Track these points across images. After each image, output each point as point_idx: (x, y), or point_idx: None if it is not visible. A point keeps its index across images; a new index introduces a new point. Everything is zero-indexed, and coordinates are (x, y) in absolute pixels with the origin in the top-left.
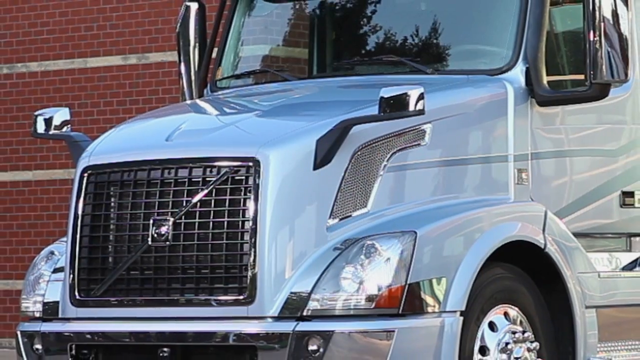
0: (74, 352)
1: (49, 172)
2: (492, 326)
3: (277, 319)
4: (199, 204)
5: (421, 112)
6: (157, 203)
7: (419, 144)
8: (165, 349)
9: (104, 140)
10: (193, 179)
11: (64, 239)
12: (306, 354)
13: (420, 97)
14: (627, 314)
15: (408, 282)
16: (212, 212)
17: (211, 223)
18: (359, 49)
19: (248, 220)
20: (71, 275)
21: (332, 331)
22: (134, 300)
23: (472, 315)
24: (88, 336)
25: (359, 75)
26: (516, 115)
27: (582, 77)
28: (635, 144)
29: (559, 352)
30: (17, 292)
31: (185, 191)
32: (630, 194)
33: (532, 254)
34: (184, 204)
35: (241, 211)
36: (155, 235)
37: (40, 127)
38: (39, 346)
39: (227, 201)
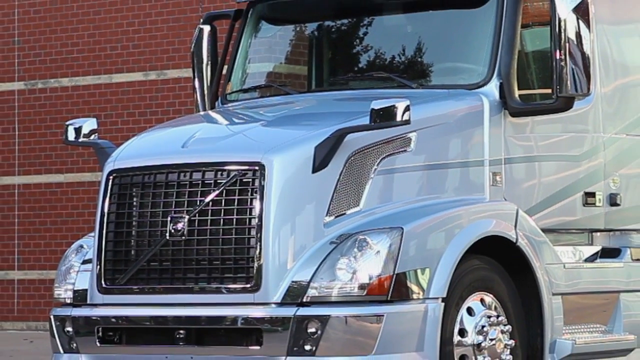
0: (100, 334)
1: (78, 175)
2: (470, 311)
3: (280, 304)
4: (211, 203)
5: (407, 122)
6: (174, 202)
7: (405, 150)
8: (181, 331)
9: (127, 146)
10: (206, 181)
11: (92, 234)
12: (306, 336)
13: (407, 108)
14: (589, 300)
15: (395, 272)
16: (222, 210)
17: (222, 220)
18: (352, 66)
19: (254, 218)
20: (98, 266)
21: (329, 315)
22: (153, 288)
23: (452, 301)
24: (113, 320)
25: (352, 90)
26: (491, 124)
27: (549, 91)
28: (596, 150)
29: (529, 334)
30: (50, 281)
31: (199, 192)
32: (592, 194)
33: (505, 247)
34: (198, 203)
35: (248, 209)
36: (173, 230)
37: (71, 135)
38: (69, 329)
39: (236, 201)
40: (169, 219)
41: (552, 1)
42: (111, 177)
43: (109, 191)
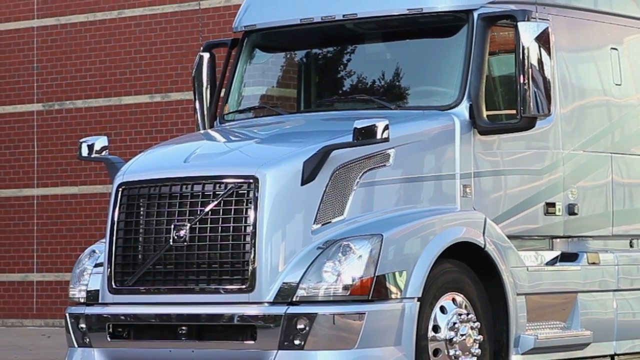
0: (111, 330)
1: (91, 187)
2: (442, 309)
3: (272, 304)
4: (210, 212)
5: (386, 140)
6: (177, 212)
7: (384, 165)
8: (183, 328)
9: (134, 162)
10: (205, 193)
11: (103, 240)
12: (295, 332)
13: (386, 127)
14: (549, 299)
15: (376, 274)
16: (220, 219)
17: (220, 228)
18: (336, 90)
19: (249, 226)
20: (109, 269)
21: (316, 313)
22: (158, 289)
23: (427, 300)
24: (122, 317)
25: (337, 110)
26: (462, 142)
27: (514, 112)
28: (556, 165)
29: (496, 330)
30: (66, 282)
31: (199, 202)
32: (552, 205)
33: (475, 252)
34: (198, 213)
35: (243, 218)
36: (176, 237)
37: (84, 152)
38: (83, 325)
39: (232, 210)
40: (172, 226)
41: (516, 31)
42: (120, 189)
43: (118, 202)
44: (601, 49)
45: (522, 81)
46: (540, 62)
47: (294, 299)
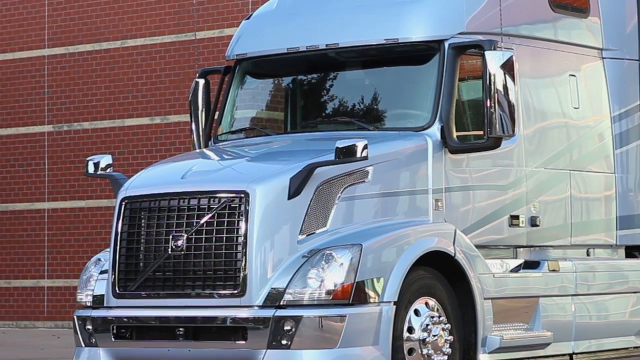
0: (115, 331)
1: (97, 201)
2: (416, 312)
3: (262, 307)
4: (205, 224)
5: (365, 158)
6: (175, 223)
7: (363, 181)
8: (180, 329)
9: (136, 178)
10: (201, 206)
11: (108, 249)
12: (282, 332)
13: (365, 147)
14: (513, 303)
15: (356, 280)
16: (214, 230)
17: (214, 238)
18: (320, 112)
19: (240, 236)
20: (113, 276)
21: (302, 316)
22: (158, 294)
23: (402, 304)
24: (125, 320)
25: (320, 131)
26: (434, 160)
27: (481, 132)
28: (519, 181)
29: (465, 331)
30: (73, 287)
31: (195, 215)
32: (516, 217)
33: (446, 260)
34: (194, 224)
35: (235, 229)
36: (174, 246)
37: (91, 169)
38: (89, 327)
39: (225, 222)
40: (170, 237)
41: (483, 59)
42: (124, 203)
43: (121, 214)
44: (560, 75)
45: (488, 105)
46: (505, 87)
47: (281, 303)
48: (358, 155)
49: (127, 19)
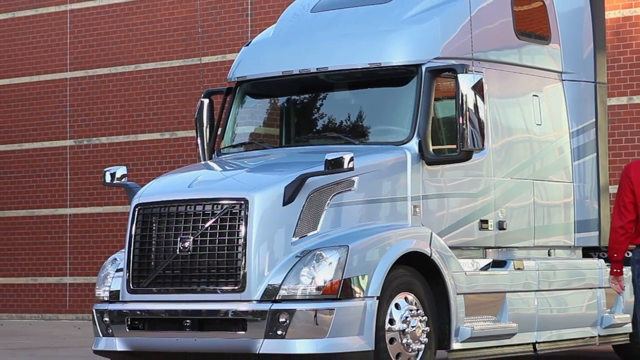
0: (129, 323)
1: (113, 207)
2: (397, 306)
3: (259, 301)
4: (209, 227)
5: (351, 169)
6: (182, 227)
7: (350, 189)
8: (187, 321)
9: (148, 187)
10: (205, 212)
11: (123, 250)
12: (278, 324)
13: (351, 159)
14: (483, 298)
15: (343, 277)
16: (217, 233)
17: (217, 240)
18: (311, 128)
19: (240, 238)
20: (127, 273)
21: (295, 309)
22: (167, 289)
23: (384, 299)
24: (138, 312)
25: (312, 145)
26: (412, 171)
27: (454, 146)
28: (488, 190)
29: (440, 322)
30: (92, 284)
31: (201, 219)
32: (486, 221)
33: (423, 260)
34: (200, 228)
35: (236, 232)
36: (181, 248)
37: (108, 179)
38: (107, 319)
39: (227, 226)
40: (178, 239)
41: (456, 81)
42: (137, 209)
43: (135, 219)
44: (525, 95)
45: (461, 122)
46: (475, 106)
47: (277, 298)
48: (345, 166)
49: (140, 46)
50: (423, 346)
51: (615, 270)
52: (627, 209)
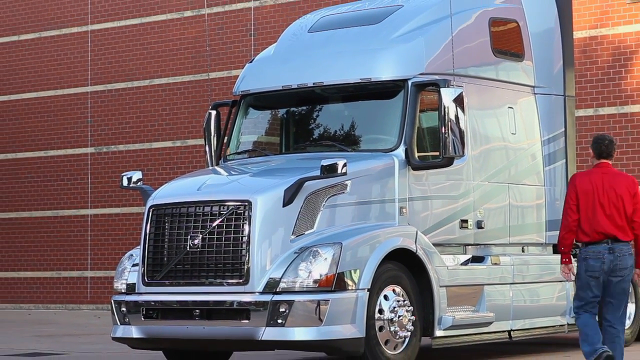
0: (144, 312)
1: (130, 208)
2: (386, 297)
3: (261, 293)
4: (216, 226)
5: (345, 174)
6: (192, 226)
7: (343, 192)
8: (196, 310)
9: (161, 190)
10: (213, 212)
11: (138, 247)
12: (278, 314)
13: (344, 165)
14: (463, 290)
15: (337, 271)
16: (224, 231)
17: (223, 238)
18: (308, 137)
19: (244, 236)
20: (142, 268)
21: (294, 300)
22: (178, 282)
23: (374, 291)
24: (152, 303)
25: (308, 152)
26: (399, 175)
27: (437, 153)
28: (468, 192)
29: (424, 312)
30: (111, 277)
31: (209, 219)
32: (466, 221)
33: (409, 255)
34: (208, 227)
35: (240, 231)
36: (191, 245)
37: (125, 182)
38: (124, 309)
39: (232, 225)
40: (188, 237)
41: (439, 94)
42: (151, 210)
43: (149, 219)
44: (501, 107)
45: (443, 131)
46: (456, 117)
47: (277, 290)
48: (339, 171)
49: (154, 63)
50: (409, 333)
51: (564, 260)
52: (572, 210)
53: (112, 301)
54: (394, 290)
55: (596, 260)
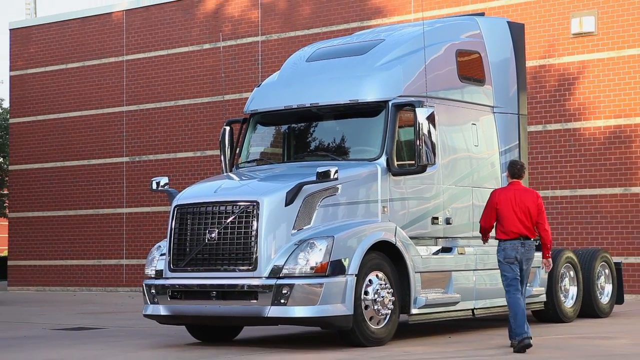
0: (170, 294)
1: (158, 207)
2: (370, 281)
3: (267, 278)
4: (229, 223)
5: (336, 179)
6: (210, 222)
7: (335, 194)
8: (213, 292)
9: (184, 192)
10: (227, 211)
11: (165, 240)
12: (281, 295)
13: (336, 171)
14: (435, 275)
15: (330, 260)
16: (236, 227)
17: (235, 232)
18: (306, 149)
19: (253, 231)
20: (168, 257)
21: (294, 284)
22: (199, 269)
23: (361, 276)
24: (177, 286)
25: (306, 161)
26: (382, 180)
27: (413, 162)
28: (438, 194)
29: (402, 294)
30: (142, 265)
31: (224, 216)
32: (436, 218)
33: (390, 247)
34: (223, 223)
35: (250, 226)
36: (209, 238)
37: (154, 186)
38: (153, 291)
39: (243, 222)
40: (207, 231)
41: (414, 113)
42: (176, 209)
43: (174, 216)
44: (466, 124)
45: (418, 144)
46: (429, 132)
47: (280, 275)
48: (331, 177)
49: (178, 87)
50: (390, 311)
51: (484, 238)
52: (490, 217)
53: (144, 284)
54: (377, 276)
55: (512, 250)
